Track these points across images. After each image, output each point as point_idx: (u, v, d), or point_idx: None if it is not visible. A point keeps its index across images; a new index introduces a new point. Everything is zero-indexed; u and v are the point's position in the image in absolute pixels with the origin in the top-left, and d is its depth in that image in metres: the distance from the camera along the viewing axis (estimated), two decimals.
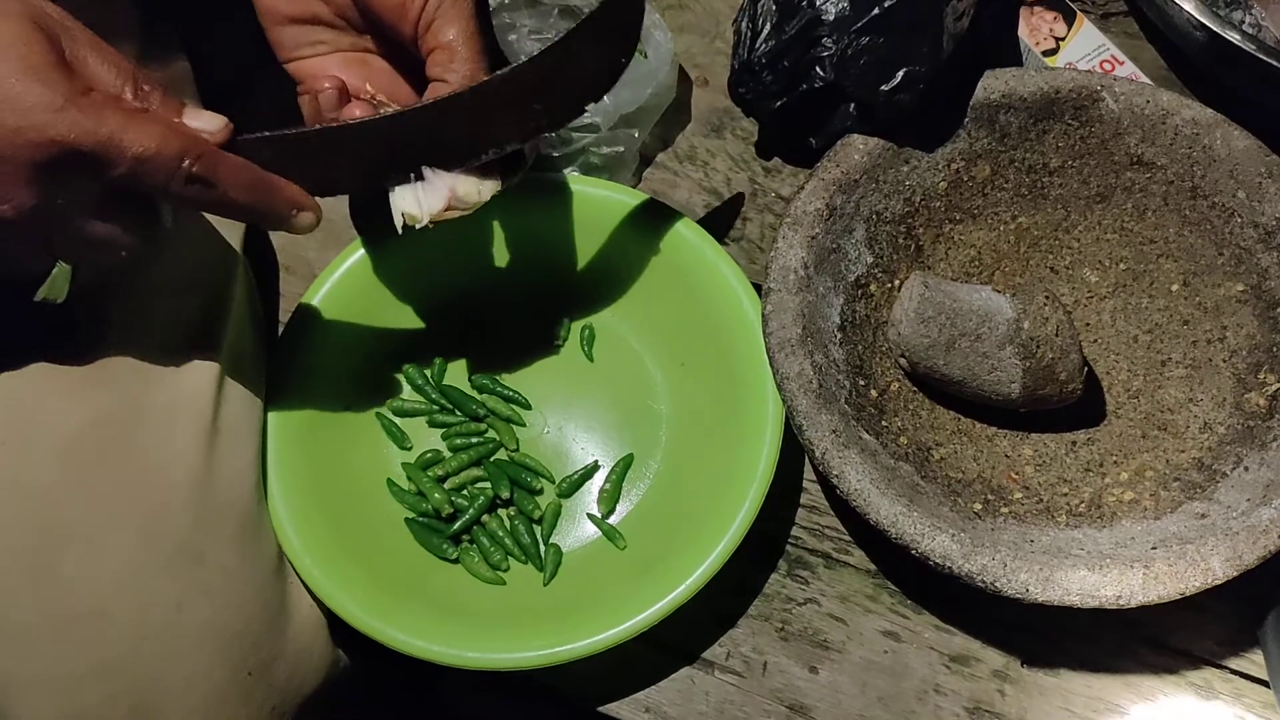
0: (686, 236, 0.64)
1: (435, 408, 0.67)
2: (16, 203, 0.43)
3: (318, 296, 0.65)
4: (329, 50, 0.56)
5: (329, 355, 0.65)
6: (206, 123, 0.47)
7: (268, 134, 0.49)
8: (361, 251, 0.65)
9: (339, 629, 0.60)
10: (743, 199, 0.72)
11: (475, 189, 0.53)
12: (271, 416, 0.62)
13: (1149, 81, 0.68)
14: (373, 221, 0.63)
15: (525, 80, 0.52)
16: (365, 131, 0.51)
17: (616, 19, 0.53)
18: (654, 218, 0.65)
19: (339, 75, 0.56)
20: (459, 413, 0.66)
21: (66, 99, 0.42)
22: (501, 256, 0.68)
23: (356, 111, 0.55)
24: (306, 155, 0.50)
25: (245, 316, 0.63)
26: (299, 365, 0.64)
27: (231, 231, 0.64)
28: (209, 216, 0.61)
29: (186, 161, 0.45)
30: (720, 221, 0.72)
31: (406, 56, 0.56)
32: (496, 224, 0.67)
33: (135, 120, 0.43)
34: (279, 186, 0.50)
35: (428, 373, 0.67)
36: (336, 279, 0.65)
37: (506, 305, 0.68)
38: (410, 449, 0.66)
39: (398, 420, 0.66)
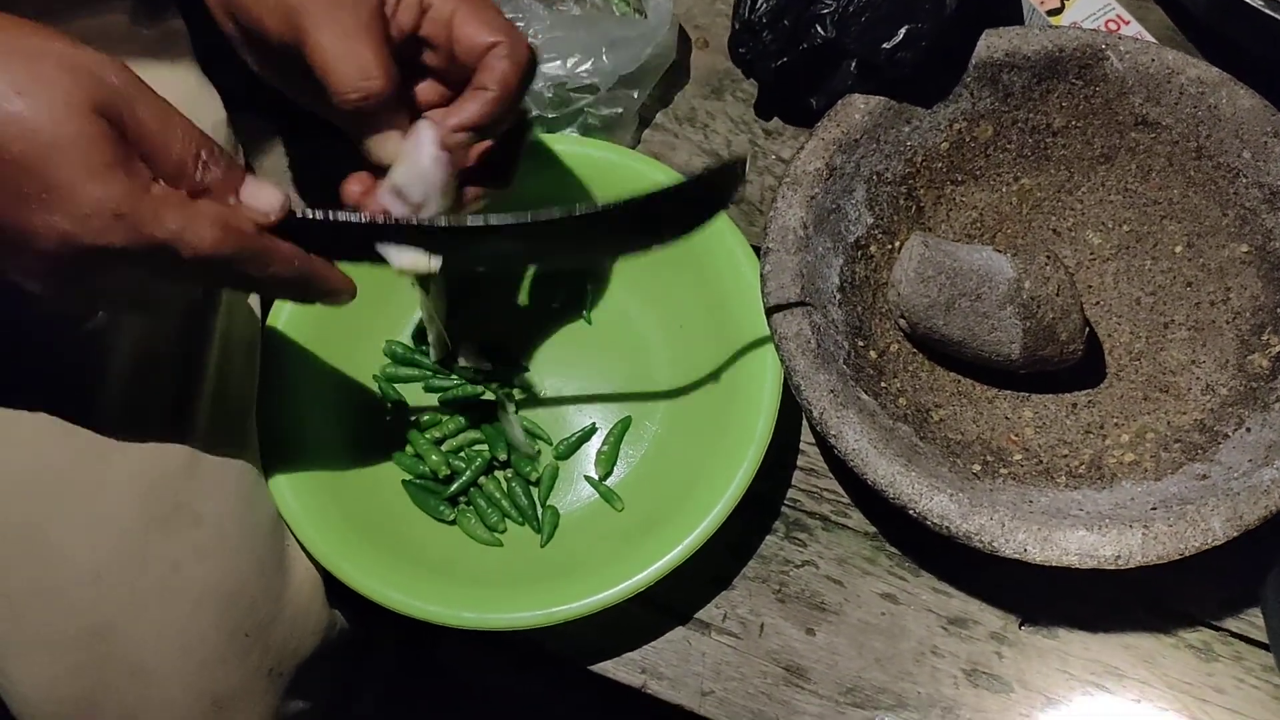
0: None
1: (431, 372, 0.66)
2: (64, 289, 0.42)
3: None
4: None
5: (325, 319, 0.64)
6: (263, 201, 0.44)
7: (324, 217, 0.47)
8: None
9: (336, 591, 0.60)
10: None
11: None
12: (267, 380, 0.62)
13: (1154, 41, 0.67)
14: None
15: (610, 221, 0.51)
16: (429, 232, 0.49)
17: (721, 181, 0.52)
18: (652, 180, 0.64)
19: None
20: (455, 376, 0.66)
21: (123, 203, 0.40)
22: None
23: (355, 187, 0.51)
24: (361, 238, 0.48)
25: None
26: (294, 330, 0.63)
27: None
28: None
29: (240, 261, 0.43)
30: None
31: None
32: None
33: (194, 221, 0.41)
34: (322, 276, 0.48)
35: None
36: None
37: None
38: (409, 416, 0.65)
39: (394, 385, 0.66)
